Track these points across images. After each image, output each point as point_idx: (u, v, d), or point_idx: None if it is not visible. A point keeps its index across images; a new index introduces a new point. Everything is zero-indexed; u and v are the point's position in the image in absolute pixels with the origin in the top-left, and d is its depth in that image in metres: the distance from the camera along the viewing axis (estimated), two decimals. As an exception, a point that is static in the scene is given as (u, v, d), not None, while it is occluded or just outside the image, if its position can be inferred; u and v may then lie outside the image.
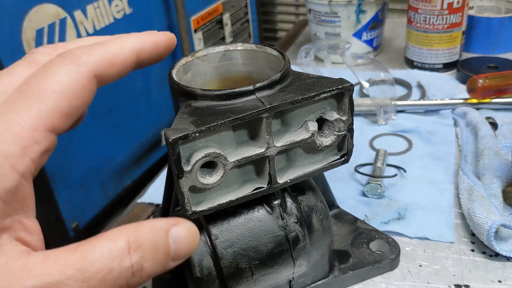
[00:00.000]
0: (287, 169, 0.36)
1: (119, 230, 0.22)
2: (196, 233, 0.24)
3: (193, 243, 0.24)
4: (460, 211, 0.50)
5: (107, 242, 0.22)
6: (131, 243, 0.22)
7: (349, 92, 0.34)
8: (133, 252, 0.22)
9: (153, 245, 0.22)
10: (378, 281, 0.44)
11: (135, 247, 0.22)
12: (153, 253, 0.22)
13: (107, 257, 0.21)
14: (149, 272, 0.22)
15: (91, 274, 0.21)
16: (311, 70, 0.79)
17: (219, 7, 1.56)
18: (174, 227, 0.23)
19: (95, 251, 0.21)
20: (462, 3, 0.75)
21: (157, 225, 0.23)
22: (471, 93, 0.68)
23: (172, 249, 0.23)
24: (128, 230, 0.22)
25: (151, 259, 0.22)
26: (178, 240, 0.23)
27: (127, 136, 1.21)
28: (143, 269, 0.22)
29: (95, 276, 0.21)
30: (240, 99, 0.32)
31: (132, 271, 0.22)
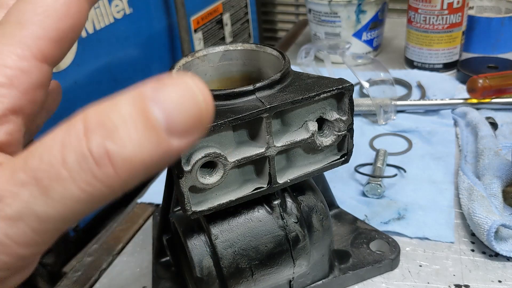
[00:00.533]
0: (287, 169, 0.36)
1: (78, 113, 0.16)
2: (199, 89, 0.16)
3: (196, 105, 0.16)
4: (460, 211, 0.50)
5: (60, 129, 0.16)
6: (89, 123, 0.15)
7: (349, 92, 0.34)
8: (90, 132, 0.15)
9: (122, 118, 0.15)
10: (378, 281, 0.44)
11: (94, 125, 0.15)
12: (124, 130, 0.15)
13: (58, 146, 0.16)
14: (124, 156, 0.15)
15: (41, 172, 0.16)
16: (311, 70, 0.79)
17: (219, 7, 1.56)
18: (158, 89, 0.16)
19: (44, 144, 0.16)
20: (462, 3, 0.75)
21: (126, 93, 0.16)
22: (471, 93, 0.68)
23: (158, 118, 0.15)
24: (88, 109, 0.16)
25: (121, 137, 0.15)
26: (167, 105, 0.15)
27: (127, 136, 1.21)
28: (109, 153, 0.15)
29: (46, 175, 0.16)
30: (240, 99, 0.32)
31: (93, 158, 0.15)
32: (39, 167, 0.16)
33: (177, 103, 0.15)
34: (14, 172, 0.16)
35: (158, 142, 0.16)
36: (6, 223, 0.16)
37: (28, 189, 0.16)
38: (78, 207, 0.16)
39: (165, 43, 1.37)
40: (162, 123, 0.15)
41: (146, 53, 1.28)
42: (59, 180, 0.16)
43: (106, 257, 0.51)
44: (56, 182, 0.16)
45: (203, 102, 0.16)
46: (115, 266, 0.49)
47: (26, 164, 0.16)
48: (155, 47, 1.32)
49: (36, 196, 0.16)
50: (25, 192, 0.16)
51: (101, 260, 0.51)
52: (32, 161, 0.16)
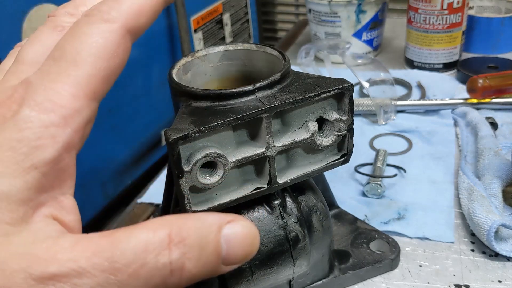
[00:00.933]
0: (287, 169, 0.36)
1: (161, 220, 0.19)
2: (255, 235, 0.20)
3: (251, 246, 0.20)
4: (460, 211, 0.50)
5: (145, 232, 0.18)
6: (173, 235, 0.18)
7: (349, 92, 0.34)
8: (174, 246, 0.18)
9: (200, 241, 0.19)
10: (378, 281, 0.44)
11: (178, 241, 0.18)
12: (198, 251, 0.19)
13: (142, 249, 0.18)
14: (192, 273, 0.19)
15: (121, 266, 0.18)
16: (311, 70, 0.79)
17: (219, 7, 1.56)
18: (229, 224, 0.20)
19: (130, 240, 0.18)
20: (462, 3, 0.75)
21: (207, 219, 0.19)
22: (471, 93, 0.68)
23: (223, 249, 0.19)
24: (172, 220, 0.19)
25: (196, 258, 0.19)
26: (232, 240, 0.19)
27: (127, 136, 1.21)
28: (184, 268, 0.19)
29: (125, 269, 0.18)
30: (240, 99, 0.32)
31: (170, 268, 0.18)
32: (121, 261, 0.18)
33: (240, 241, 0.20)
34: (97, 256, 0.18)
35: (215, 266, 0.19)
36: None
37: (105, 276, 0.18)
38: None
39: (165, 43, 1.37)
40: (224, 253, 0.19)
41: (146, 53, 1.28)
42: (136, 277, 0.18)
43: (106, 257, 0.51)
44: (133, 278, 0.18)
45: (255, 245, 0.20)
46: (115, 266, 0.49)
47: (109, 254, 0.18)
48: (155, 47, 1.32)
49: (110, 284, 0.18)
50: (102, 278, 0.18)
51: (101, 260, 0.50)
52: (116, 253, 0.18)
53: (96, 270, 0.18)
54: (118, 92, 1.16)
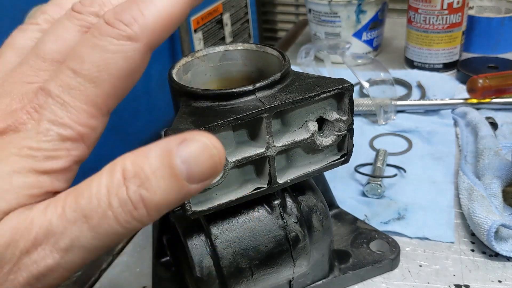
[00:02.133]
0: (287, 169, 0.36)
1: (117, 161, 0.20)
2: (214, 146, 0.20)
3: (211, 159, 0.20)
4: (460, 211, 0.50)
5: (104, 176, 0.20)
6: (126, 173, 0.19)
7: (349, 92, 0.34)
8: (128, 182, 0.19)
9: (152, 170, 0.19)
10: (378, 281, 0.44)
11: (131, 175, 0.19)
12: (154, 179, 0.19)
13: (103, 192, 0.19)
14: (155, 201, 0.19)
15: (90, 212, 0.19)
16: (311, 70, 0.79)
17: (219, 7, 1.56)
18: (182, 144, 0.19)
19: (91, 188, 0.20)
20: (462, 3, 0.75)
21: (158, 146, 0.20)
22: (471, 93, 0.68)
23: (181, 170, 0.19)
24: (125, 159, 0.20)
25: (153, 186, 0.19)
26: (189, 159, 0.19)
27: (127, 136, 1.21)
28: (143, 199, 0.19)
29: (95, 214, 0.19)
30: (240, 99, 0.32)
31: (131, 202, 0.19)
32: (88, 207, 0.19)
33: (196, 158, 0.19)
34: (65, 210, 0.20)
35: (180, 188, 0.20)
36: (60, 254, 0.20)
37: (78, 226, 0.19)
38: (117, 238, 0.20)
39: (165, 43, 1.36)
40: (184, 173, 0.19)
41: (146, 53, 1.28)
42: (105, 218, 0.19)
43: (106, 257, 0.51)
44: (103, 220, 0.19)
45: (217, 156, 0.20)
46: (115, 266, 0.49)
47: (76, 205, 0.20)
48: (155, 47, 1.32)
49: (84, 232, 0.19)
50: (75, 228, 0.19)
51: (101, 260, 0.51)
52: (82, 201, 0.19)
53: (68, 223, 0.19)
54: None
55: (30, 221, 0.20)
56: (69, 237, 0.19)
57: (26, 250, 0.19)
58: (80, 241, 0.19)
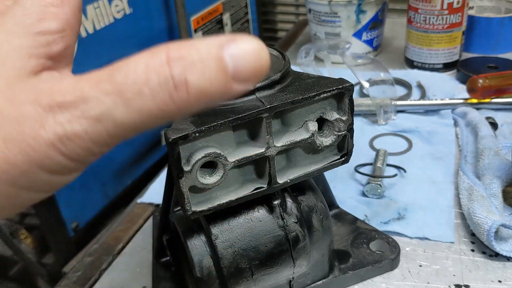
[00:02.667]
0: (287, 169, 0.36)
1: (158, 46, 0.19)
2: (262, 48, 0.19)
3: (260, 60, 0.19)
4: (460, 211, 0.50)
5: (144, 56, 0.19)
6: (171, 54, 0.19)
7: (349, 92, 0.34)
8: (173, 62, 0.19)
9: (200, 57, 0.19)
10: (378, 281, 0.44)
11: (177, 57, 0.19)
12: (201, 65, 0.19)
13: (142, 69, 0.19)
14: (198, 87, 0.19)
15: (126, 86, 0.19)
16: (311, 70, 0.79)
17: (219, 7, 1.56)
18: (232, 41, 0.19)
19: (129, 64, 0.19)
20: (462, 3, 0.75)
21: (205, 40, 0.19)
22: (471, 93, 0.68)
23: (229, 65, 0.19)
24: (169, 45, 0.19)
25: (199, 71, 0.19)
26: (237, 56, 0.19)
27: (127, 136, 1.21)
28: (187, 81, 0.19)
29: (130, 89, 0.19)
30: (240, 99, 0.32)
31: (173, 83, 0.19)
32: (124, 82, 0.19)
33: (245, 56, 0.19)
34: (100, 82, 0.19)
35: (224, 83, 0.19)
36: (88, 122, 0.19)
37: (111, 98, 0.19)
38: (149, 120, 0.19)
39: (165, 43, 1.36)
40: (230, 69, 0.19)
41: (146, 53, 1.28)
42: (140, 95, 0.19)
43: (106, 257, 0.51)
44: (138, 96, 0.19)
45: (264, 59, 0.19)
46: (115, 266, 0.49)
47: (112, 77, 0.19)
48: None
49: (117, 105, 0.19)
50: (108, 100, 0.19)
51: (101, 260, 0.51)
52: (118, 76, 0.19)
53: (101, 93, 0.19)
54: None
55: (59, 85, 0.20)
56: (100, 107, 0.19)
57: (50, 108, 0.19)
58: (111, 114, 0.19)
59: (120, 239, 0.53)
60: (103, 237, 0.55)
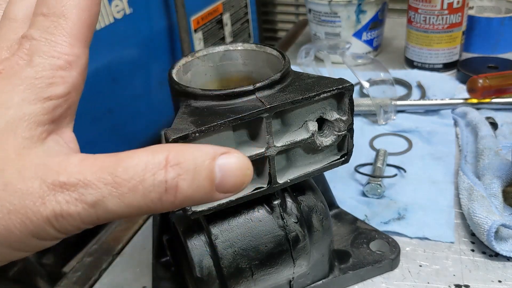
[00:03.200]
0: (287, 169, 0.36)
1: (162, 146, 0.22)
2: (248, 166, 0.22)
3: (244, 176, 0.22)
4: (460, 211, 0.50)
5: (146, 154, 0.21)
6: (170, 158, 0.21)
7: (349, 92, 0.34)
8: (170, 168, 0.21)
9: (194, 166, 0.21)
10: (378, 281, 0.44)
11: (174, 163, 0.21)
12: (192, 175, 0.21)
13: (142, 167, 0.21)
14: (185, 194, 0.21)
15: (122, 180, 0.21)
16: (311, 70, 0.79)
17: (219, 7, 1.56)
18: (224, 155, 0.22)
19: (131, 159, 0.21)
20: (462, 3, 0.75)
21: (203, 149, 0.22)
22: (471, 93, 0.68)
23: (217, 177, 0.21)
24: (170, 147, 0.22)
25: (190, 180, 0.21)
26: (227, 169, 0.21)
27: (127, 136, 1.21)
28: (178, 188, 0.21)
29: (126, 184, 0.21)
30: (240, 99, 0.32)
31: (165, 186, 0.21)
32: (122, 176, 0.21)
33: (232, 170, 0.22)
34: (102, 170, 0.21)
35: (208, 192, 0.22)
36: (83, 206, 0.21)
37: (108, 189, 0.21)
38: (136, 212, 0.21)
39: (165, 43, 1.36)
40: (217, 180, 0.21)
41: (146, 53, 1.28)
42: (134, 191, 0.21)
43: (106, 257, 0.51)
44: (132, 192, 0.21)
45: (247, 176, 0.22)
46: (115, 266, 0.49)
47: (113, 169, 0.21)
48: (155, 47, 1.32)
49: (112, 196, 0.21)
50: (105, 190, 0.21)
51: (101, 260, 0.51)
52: (118, 169, 0.21)
53: (100, 182, 0.21)
54: (118, 92, 1.16)
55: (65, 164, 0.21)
56: (96, 195, 0.21)
57: (53, 187, 0.21)
58: (105, 203, 0.21)
59: (120, 239, 0.53)
60: (103, 237, 0.54)
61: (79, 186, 0.21)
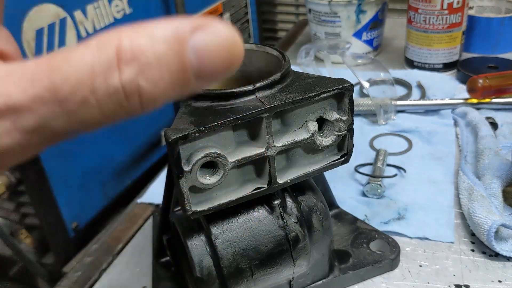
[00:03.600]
0: (287, 169, 0.36)
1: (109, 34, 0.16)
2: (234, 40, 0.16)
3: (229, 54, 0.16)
4: (460, 211, 0.50)
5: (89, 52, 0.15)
6: (123, 51, 0.15)
7: (349, 92, 0.34)
8: (124, 65, 0.15)
9: (157, 56, 0.15)
10: (378, 281, 0.44)
11: (128, 58, 0.15)
12: (158, 68, 0.15)
13: (87, 71, 0.15)
14: (153, 95, 0.16)
15: (66, 94, 0.15)
16: (311, 70, 0.79)
17: (219, 7, 1.56)
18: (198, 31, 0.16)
19: (70, 63, 0.15)
20: (462, 3, 0.75)
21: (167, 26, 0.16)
22: (471, 93, 0.68)
23: (192, 62, 0.16)
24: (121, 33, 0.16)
25: (155, 75, 0.15)
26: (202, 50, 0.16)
27: (127, 136, 1.21)
28: (141, 90, 0.15)
29: (72, 98, 0.15)
30: (240, 99, 0.32)
31: (124, 92, 0.15)
32: (64, 89, 0.15)
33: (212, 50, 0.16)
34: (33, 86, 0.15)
35: (185, 84, 0.16)
36: (22, 135, 0.16)
37: (48, 107, 0.16)
38: (93, 126, 0.16)
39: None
40: (194, 67, 0.16)
41: (146, 53, 1.28)
42: (85, 106, 0.15)
43: (106, 257, 0.51)
44: (82, 107, 0.15)
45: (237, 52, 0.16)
46: (115, 266, 0.49)
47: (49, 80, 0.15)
48: (155, 47, 1.32)
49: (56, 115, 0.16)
50: (45, 110, 0.16)
51: (101, 260, 0.51)
52: (56, 78, 0.15)
53: (37, 102, 0.15)
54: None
55: None
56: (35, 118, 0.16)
57: None
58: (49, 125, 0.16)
59: (120, 239, 0.53)
60: (103, 237, 0.55)
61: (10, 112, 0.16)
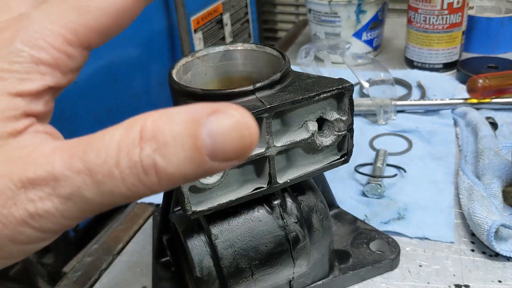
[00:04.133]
0: (287, 169, 0.36)
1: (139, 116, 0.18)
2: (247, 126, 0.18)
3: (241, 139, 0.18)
4: (460, 211, 0.50)
5: (120, 129, 0.18)
6: (144, 131, 0.17)
7: (349, 92, 0.34)
8: (144, 142, 0.17)
9: (173, 135, 0.17)
10: (378, 281, 0.44)
11: (148, 136, 0.17)
12: (173, 146, 0.17)
13: (115, 147, 0.17)
14: (169, 172, 0.17)
15: (95, 166, 0.17)
16: (311, 70, 0.79)
17: (219, 7, 1.56)
18: (213, 115, 0.17)
19: (103, 140, 0.18)
20: (462, 3, 0.75)
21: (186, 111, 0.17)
22: (471, 93, 0.68)
23: (206, 144, 0.17)
24: (147, 116, 0.18)
25: (170, 152, 0.17)
26: (217, 133, 0.17)
27: (127, 136, 1.22)
28: (156, 166, 0.17)
29: (100, 170, 0.17)
30: (240, 99, 0.32)
31: (142, 166, 0.17)
32: (95, 162, 0.18)
33: (225, 134, 0.17)
34: (72, 158, 0.18)
35: (199, 163, 0.17)
36: (59, 200, 0.18)
37: (81, 177, 0.18)
38: (120, 199, 0.18)
39: (165, 43, 1.37)
40: (208, 148, 0.17)
41: (146, 53, 1.28)
42: (111, 177, 0.18)
43: (106, 257, 0.51)
44: (108, 178, 0.18)
45: (248, 138, 0.18)
46: (115, 266, 0.49)
47: (84, 155, 0.18)
48: (155, 47, 1.32)
49: (88, 185, 0.18)
50: (79, 180, 0.18)
51: (101, 260, 0.51)
52: (90, 154, 0.18)
53: (72, 172, 0.18)
54: (118, 92, 1.16)
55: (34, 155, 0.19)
56: (70, 186, 0.18)
57: (22, 185, 0.18)
58: (81, 193, 0.18)
59: (120, 239, 0.53)
60: (103, 237, 0.55)
61: (50, 180, 0.18)
